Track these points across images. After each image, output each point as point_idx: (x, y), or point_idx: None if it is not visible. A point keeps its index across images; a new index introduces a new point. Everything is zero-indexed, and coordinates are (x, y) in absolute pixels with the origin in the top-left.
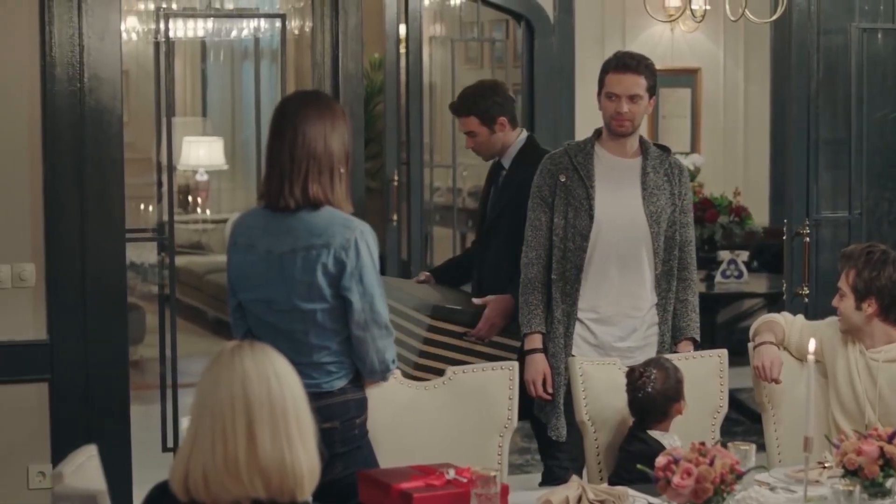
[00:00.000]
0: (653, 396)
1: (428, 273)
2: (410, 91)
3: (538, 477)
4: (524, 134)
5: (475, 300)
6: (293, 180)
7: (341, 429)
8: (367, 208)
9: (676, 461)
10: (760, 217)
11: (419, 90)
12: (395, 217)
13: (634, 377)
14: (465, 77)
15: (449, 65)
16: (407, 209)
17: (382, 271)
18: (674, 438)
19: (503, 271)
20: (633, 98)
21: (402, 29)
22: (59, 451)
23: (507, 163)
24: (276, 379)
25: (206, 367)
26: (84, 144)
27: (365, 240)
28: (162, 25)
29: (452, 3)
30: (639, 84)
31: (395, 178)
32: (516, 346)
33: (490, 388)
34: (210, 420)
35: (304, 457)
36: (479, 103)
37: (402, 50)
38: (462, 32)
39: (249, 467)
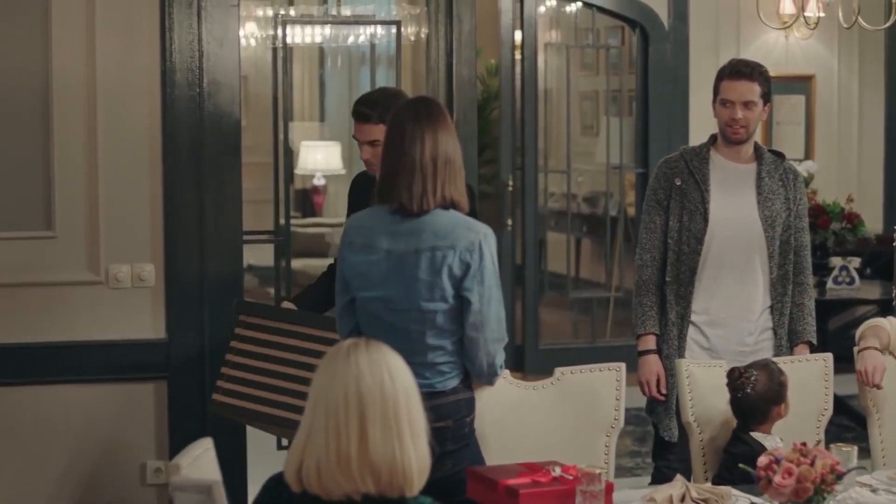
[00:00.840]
0: (752, 398)
1: (289, 301)
2: (525, 97)
3: (648, 480)
4: None
5: None
6: (435, 185)
7: (453, 427)
8: (481, 213)
9: (778, 461)
10: (874, 224)
11: (534, 96)
12: (509, 222)
13: (734, 377)
14: (581, 83)
15: (564, 71)
16: (521, 214)
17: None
18: (776, 440)
19: None
20: (747, 104)
21: (518, 35)
22: (176, 448)
23: None
24: (389, 377)
25: (322, 363)
26: (203, 148)
27: (488, 242)
28: (280, 32)
29: (568, 9)
30: (753, 91)
31: (510, 183)
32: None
33: (597, 388)
34: (324, 415)
35: (414, 454)
36: (390, 109)
37: (518, 56)
38: (577, 39)
39: (360, 463)
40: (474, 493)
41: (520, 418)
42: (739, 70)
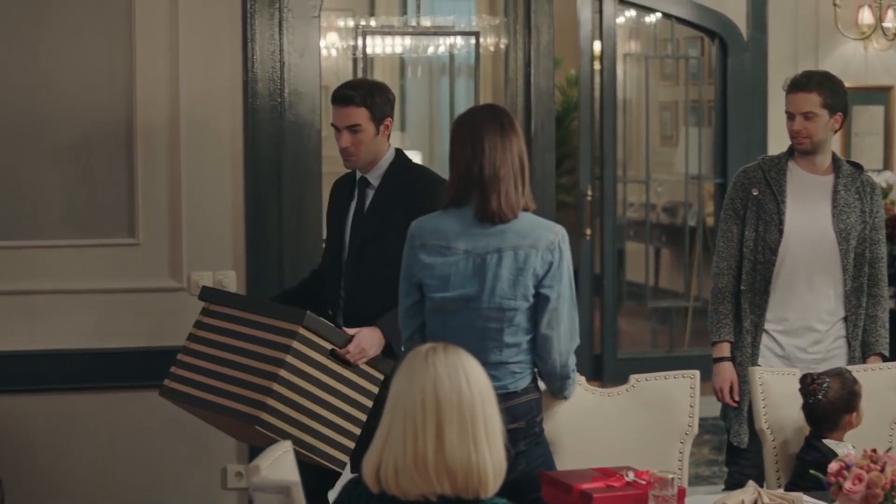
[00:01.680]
0: (824, 405)
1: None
2: (605, 107)
3: (723, 487)
4: (392, 148)
5: (346, 329)
6: (523, 190)
7: (525, 428)
8: (561, 223)
9: (848, 467)
10: None
11: (613, 106)
12: (588, 232)
13: (807, 383)
14: (660, 93)
15: (643, 81)
16: (600, 224)
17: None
18: (848, 447)
19: (378, 301)
20: (806, 116)
21: (597, 45)
22: (256, 451)
23: (375, 179)
24: (466, 381)
25: (400, 367)
26: (284, 157)
27: (566, 242)
28: (360, 42)
29: (647, 20)
30: (810, 101)
31: (589, 193)
32: (380, 379)
33: (672, 395)
34: (402, 418)
35: (489, 457)
36: (374, 95)
37: (597, 66)
38: (657, 49)
39: (437, 466)
40: (549, 496)
41: (595, 424)
42: (797, 82)
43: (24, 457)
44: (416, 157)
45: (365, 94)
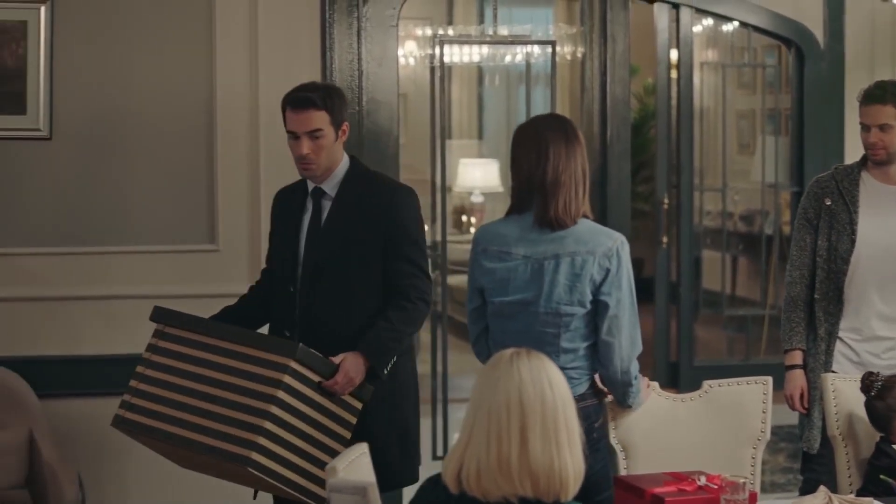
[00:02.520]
0: (879, 406)
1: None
2: (681, 115)
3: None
4: (346, 155)
5: (333, 358)
6: (583, 198)
7: (584, 433)
8: (633, 230)
9: None
10: None
11: (690, 115)
12: (665, 239)
13: (863, 380)
14: (738, 102)
15: (720, 90)
16: (677, 232)
17: (650, 294)
18: None
19: (344, 321)
20: (882, 127)
21: (674, 54)
22: None
23: (331, 189)
24: (549, 386)
25: (484, 370)
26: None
27: (625, 250)
28: (437, 51)
29: (724, 28)
30: (885, 113)
31: (666, 201)
32: (358, 409)
33: (744, 400)
34: (486, 420)
35: (570, 461)
36: (333, 98)
37: (674, 75)
38: (734, 58)
39: (520, 468)
40: (621, 500)
41: (668, 429)
42: (872, 94)
43: (103, 457)
44: (492, 165)
45: (325, 96)
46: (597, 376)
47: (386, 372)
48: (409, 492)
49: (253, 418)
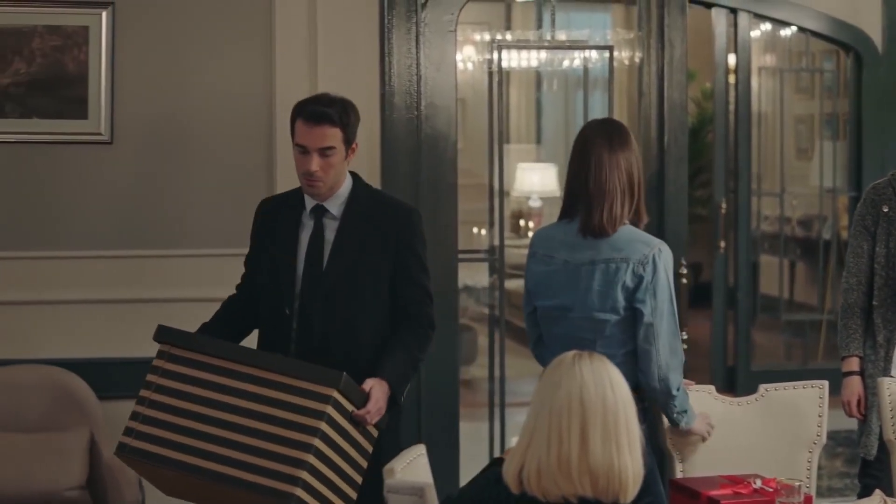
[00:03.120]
0: None
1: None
2: (739, 120)
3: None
4: (349, 174)
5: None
6: (630, 206)
7: None
8: (692, 234)
9: None
10: None
11: (748, 119)
12: (722, 244)
13: None
14: (796, 107)
15: (778, 95)
16: (734, 237)
17: (707, 297)
18: None
19: (361, 347)
20: None
21: (732, 59)
22: None
23: (336, 208)
24: (611, 388)
25: (546, 372)
26: (420, 169)
27: (662, 257)
28: (495, 56)
29: (782, 33)
30: None
31: (724, 205)
32: (374, 438)
33: (801, 404)
34: (547, 420)
35: (630, 463)
36: (349, 114)
37: (732, 80)
38: (792, 63)
39: (580, 468)
40: (677, 503)
41: (724, 433)
42: None
43: None
44: (550, 169)
45: (341, 112)
46: None
47: (402, 399)
48: None
49: (295, 452)
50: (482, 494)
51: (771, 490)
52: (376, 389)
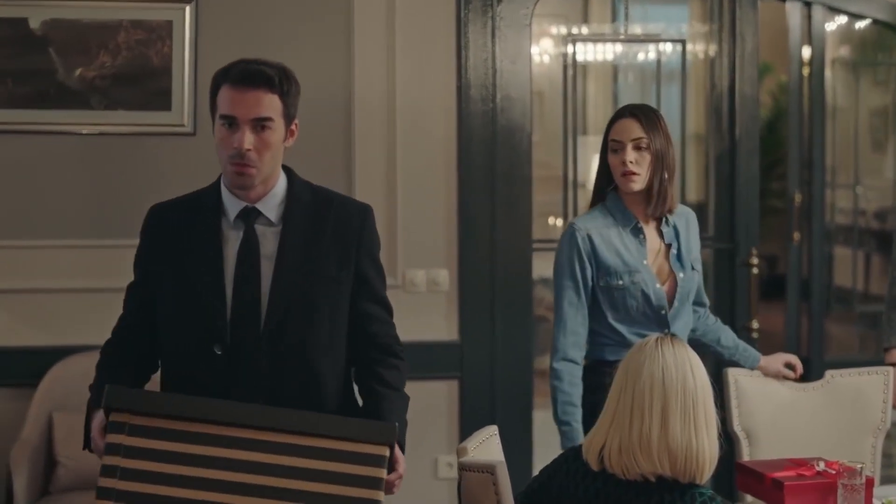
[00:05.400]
0: None
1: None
2: (813, 113)
3: None
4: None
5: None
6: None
7: None
8: (767, 226)
9: None
10: None
11: (822, 112)
12: (796, 236)
13: None
14: (871, 99)
15: (853, 87)
16: (808, 229)
17: (782, 289)
18: None
19: (324, 392)
20: None
21: (806, 51)
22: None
23: (271, 211)
24: (691, 371)
25: (630, 353)
26: (495, 160)
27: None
28: (570, 49)
29: (857, 25)
30: None
31: (798, 198)
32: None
33: (865, 390)
34: (630, 400)
35: (707, 444)
36: (291, 82)
37: (806, 72)
38: (867, 55)
39: (660, 446)
40: (743, 485)
41: (790, 418)
42: None
43: None
44: None
45: (280, 75)
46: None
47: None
48: None
49: None
50: (560, 469)
51: (833, 472)
52: (397, 451)
